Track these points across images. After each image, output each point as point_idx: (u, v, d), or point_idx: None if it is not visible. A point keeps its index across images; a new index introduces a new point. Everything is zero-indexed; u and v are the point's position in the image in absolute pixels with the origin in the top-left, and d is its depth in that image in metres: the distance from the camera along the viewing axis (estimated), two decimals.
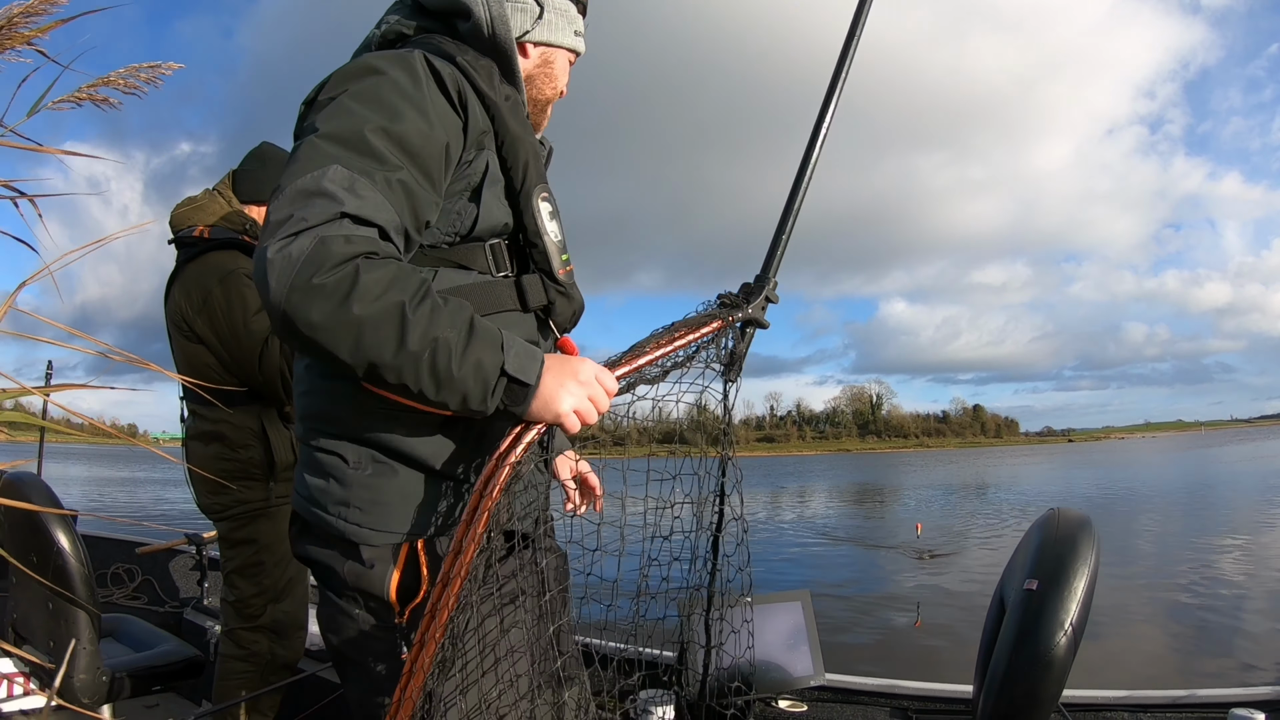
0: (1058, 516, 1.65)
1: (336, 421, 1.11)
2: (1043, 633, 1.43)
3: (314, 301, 0.89)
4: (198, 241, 2.29)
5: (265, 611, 2.28)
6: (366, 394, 1.04)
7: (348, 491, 1.10)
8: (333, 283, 0.89)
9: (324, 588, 1.17)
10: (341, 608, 1.14)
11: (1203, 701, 2.03)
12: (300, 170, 0.96)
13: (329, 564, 1.13)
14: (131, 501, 23.35)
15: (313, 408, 1.14)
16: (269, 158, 2.44)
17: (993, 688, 1.49)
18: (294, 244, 0.90)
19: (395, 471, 1.10)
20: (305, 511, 1.15)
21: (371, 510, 1.09)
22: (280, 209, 0.93)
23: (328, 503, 1.11)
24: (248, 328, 2.20)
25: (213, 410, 2.27)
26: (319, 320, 0.90)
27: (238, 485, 2.25)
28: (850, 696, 2.32)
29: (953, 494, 30.18)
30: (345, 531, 1.10)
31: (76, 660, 2.12)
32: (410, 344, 0.93)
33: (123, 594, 3.82)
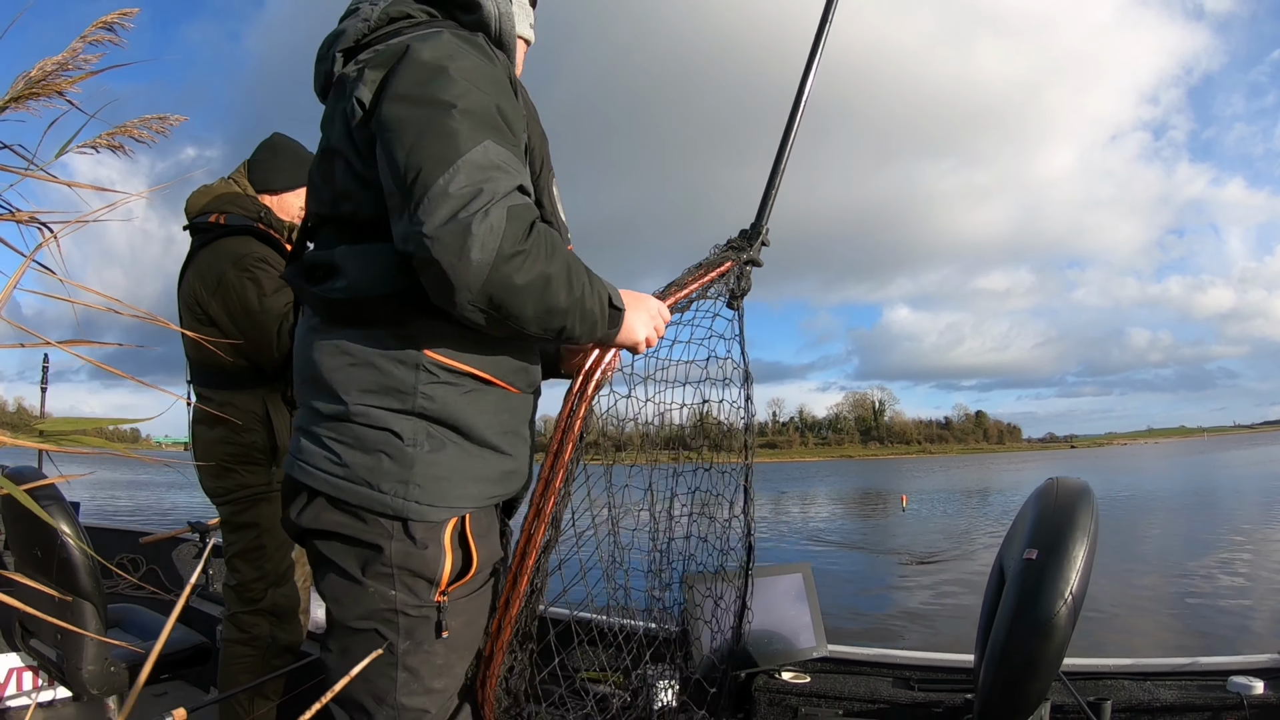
0: (1056, 486, 1.65)
1: (391, 395, 1.12)
2: (1043, 602, 1.44)
3: (521, 266, 1.03)
4: (213, 227, 2.30)
5: (266, 595, 2.29)
6: (426, 368, 1.12)
7: (408, 470, 1.11)
8: (532, 250, 1.04)
9: (346, 566, 1.14)
10: (367, 584, 1.13)
11: (1203, 669, 2.05)
12: (461, 144, 1.04)
13: (366, 539, 1.12)
14: (137, 505, 23.36)
15: (363, 382, 1.13)
16: (280, 148, 2.45)
17: (994, 657, 1.50)
18: (491, 216, 1.01)
19: (445, 445, 1.14)
20: (336, 487, 1.12)
21: (432, 487, 1.12)
22: (459, 182, 1.01)
23: (381, 480, 1.11)
24: (263, 306, 2.19)
25: (218, 393, 2.28)
26: (522, 282, 1.03)
27: (241, 469, 2.26)
28: (852, 667, 2.34)
29: (954, 498, 30.31)
30: (404, 510, 1.11)
31: (84, 652, 2.14)
32: (575, 290, 1.10)
33: (128, 584, 3.84)
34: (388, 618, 1.13)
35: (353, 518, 1.12)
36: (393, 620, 1.13)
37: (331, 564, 1.15)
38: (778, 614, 2.28)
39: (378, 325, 1.13)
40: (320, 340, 1.17)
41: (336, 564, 1.14)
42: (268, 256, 2.27)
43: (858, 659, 2.36)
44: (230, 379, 2.28)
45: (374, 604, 1.13)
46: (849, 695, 2.20)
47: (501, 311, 1.04)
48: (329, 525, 1.13)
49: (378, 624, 1.13)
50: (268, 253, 2.28)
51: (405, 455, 1.11)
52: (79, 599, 2.11)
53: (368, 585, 1.12)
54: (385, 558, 1.12)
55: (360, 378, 1.13)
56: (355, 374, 1.13)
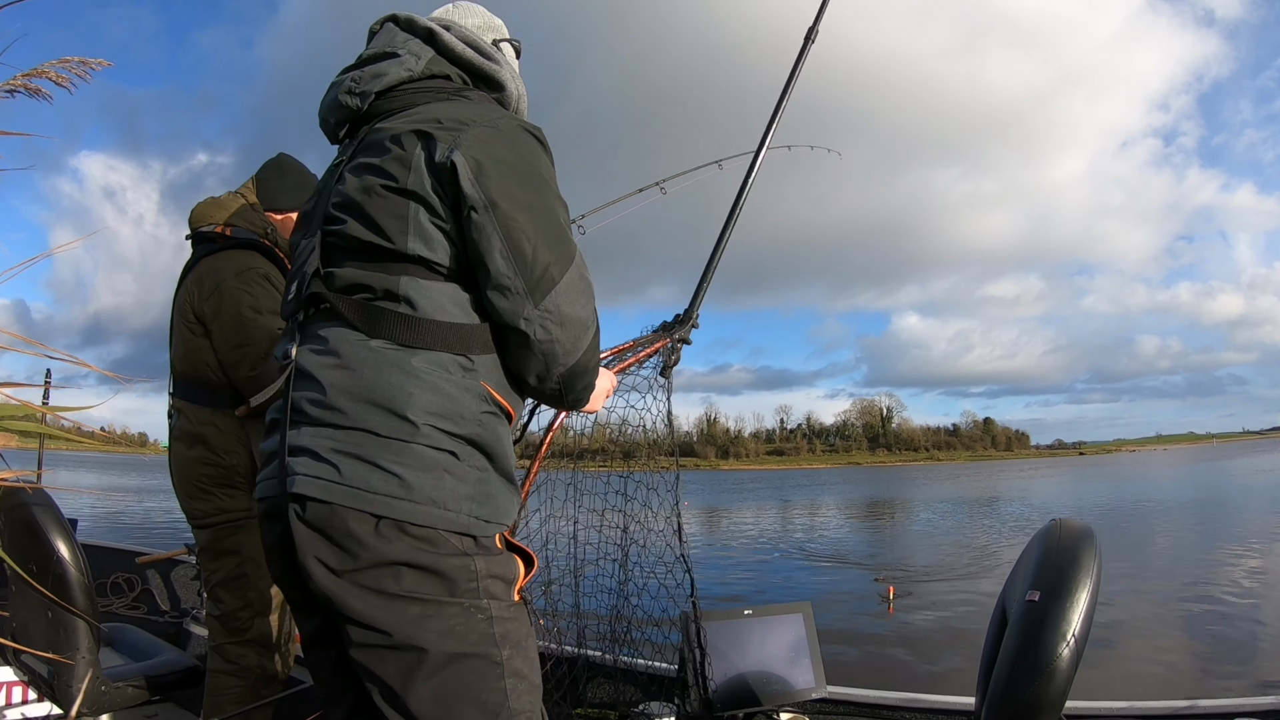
0: (1059, 527, 1.64)
1: (452, 420, 1.17)
2: (1045, 644, 1.43)
3: (592, 356, 1.30)
4: (218, 238, 2.29)
5: (253, 625, 2.23)
6: (484, 399, 1.21)
7: (469, 487, 1.17)
8: (596, 343, 1.31)
9: (429, 593, 1.11)
10: (462, 605, 1.13)
11: (1206, 712, 2.02)
12: (572, 246, 1.28)
13: (450, 563, 1.13)
14: (139, 511, 23.24)
15: (429, 404, 1.15)
16: (285, 168, 2.46)
17: (995, 699, 1.49)
18: (595, 316, 1.29)
19: (488, 469, 1.21)
20: (398, 509, 1.10)
21: (487, 503, 1.19)
22: (575, 281, 1.25)
23: (447, 499, 1.14)
24: (255, 323, 2.17)
25: (199, 410, 2.24)
26: (590, 365, 1.30)
27: (220, 492, 2.21)
28: (852, 709, 2.31)
29: (962, 509, 30.06)
30: (471, 526, 1.15)
31: (75, 670, 2.11)
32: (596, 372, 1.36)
33: (122, 603, 3.82)
34: (488, 631, 1.14)
35: (424, 543, 1.11)
36: (490, 633, 1.15)
37: (409, 599, 1.10)
38: (777, 654, 2.26)
39: (443, 351, 1.19)
40: (375, 357, 1.16)
41: (416, 597, 1.11)
42: (271, 274, 2.26)
43: (857, 700, 2.33)
44: (214, 397, 2.24)
45: (474, 620, 1.13)
46: None
47: (566, 385, 1.28)
48: (398, 557, 1.10)
49: (480, 644, 1.14)
50: (271, 270, 2.27)
51: (465, 474, 1.17)
52: (72, 616, 2.09)
53: (463, 603, 1.13)
54: (471, 573, 1.14)
55: (428, 400, 1.15)
56: (421, 396, 1.15)
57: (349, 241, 1.23)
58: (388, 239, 1.20)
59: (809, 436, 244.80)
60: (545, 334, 1.21)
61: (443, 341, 1.19)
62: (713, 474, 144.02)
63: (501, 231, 1.18)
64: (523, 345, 1.22)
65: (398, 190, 1.21)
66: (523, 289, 1.19)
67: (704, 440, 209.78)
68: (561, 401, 1.36)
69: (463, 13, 1.52)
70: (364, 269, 1.22)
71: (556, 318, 1.21)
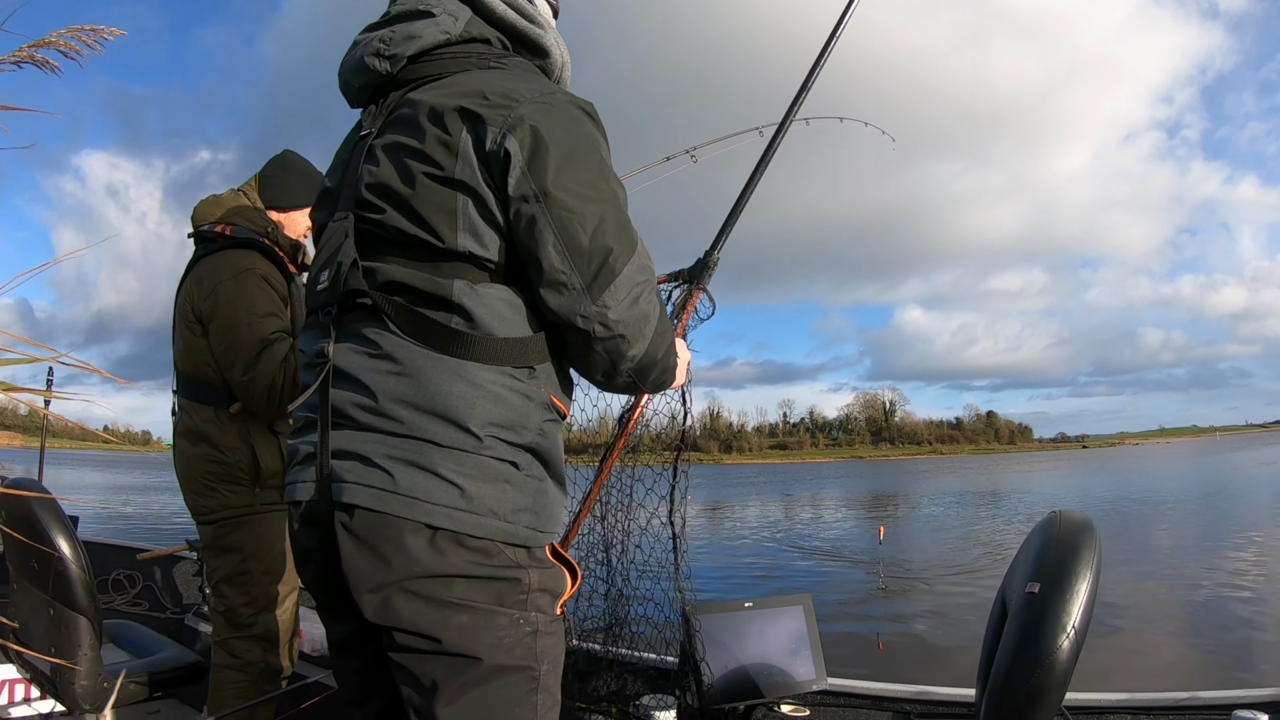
0: (1059, 519, 1.64)
1: (514, 430, 1.13)
2: (1045, 636, 1.43)
3: (662, 344, 1.23)
4: (218, 237, 2.28)
5: (256, 621, 2.24)
6: (547, 406, 1.17)
7: (529, 498, 1.13)
8: (668, 330, 1.25)
9: (480, 603, 1.08)
10: (510, 616, 1.10)
11: (1206, 703, 2.02)
12: (634, 234, 1.18)
13: (502, 574, 1.10)
14: (143, 509, 23.27)
15: (492, 414, 1.10)
16: (290, 165, 2.45)
17: (995, 691, 1.49)
18: (658, 303, 1.22)
19: (545, 477, 1.17)
20: (458, 520, 1.07)
21: (545, 513, 1.16)
22: (636, 272, 1.15)
23: (506, 510, 1.10)
24: (249, 326, 2.16)
25: (202, 409, 2.25)
26: (661, 355, 1.24)
27: (224, 488, 2.22)
28: (852, 700, 2.32)
29: (965, 501, 30.09)
30: (530, 538, 1.13)
31: (77, 666, 2.12)
32: (672, 355, 1.28)
33: (124, 600, 3.82)
34: (530, 645, 1.12)
35: (480, 554, 1.08)
36: (533, 646, 1.12)
37: (461, 608, 1.07)
38: (777, 646, 2.26)
39: (506, 363, 1.13)
40: (433, 366, 1.10)
41: (466, 606, 1.07)
42: (269, 275, 2.25)
43: (858, 692, 2.34)
44: (216, 395, 2.24)
45: (522, 632, 1.11)
46: None
47: (639, 377, 1.22)
48: (452, 569, 1.06)
49: (523, 657, 1.11)
50: (270, 270, 2.26)
51: (525, 484, 1.13)
52: (74, 613, 2.09)
53: (511, 614, 1.10)
54: (523, 585, 1.11)
55: (490, 411, 1.10)
56: (483, 405, 1.10)
57: (389, 233, 1.14)
58: (436, 236, 1.11)
59: (812, 430, 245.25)
60: (607, 331, 1.13)
61: (503, 358, 1.12)
62: (716, 468, 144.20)
63: (555, 224, 1.09)
64: (584, 344, 1.15)
65: (444, 180, 1.11)
66: (580, 285, 1.11)
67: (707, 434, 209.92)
68: (639, 390, 1.36)
69: None
70: (410, 267, 1.13)
71: (618, 313, 1.13)
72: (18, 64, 0.92)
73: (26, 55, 0.93)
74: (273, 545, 2.27)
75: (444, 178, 1.11)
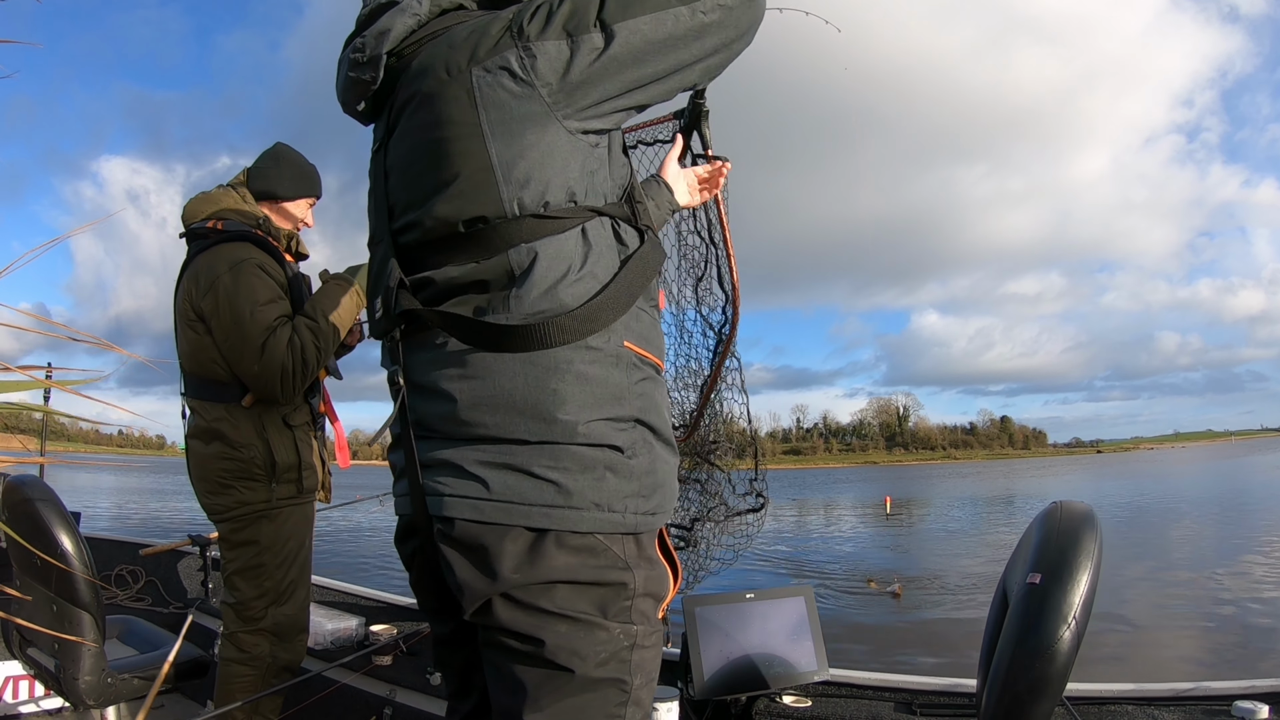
0: (1060, 510, 1.64)
1: (607, 404, 1.03)
2: (1046, 626, 1.43)
3: None
4: (210, 233, 2.28)
5: (266, 615, 2.26)
6: (633, 364, 1.05)
7: (633, 482, 1.04)
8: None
9: (581, 613, 1.02)
10: (610, 628, 1.02)
11: (1207, 694, 2.03)
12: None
13: (607, 579, 1.02)
14: (158, 511, 23.32)
15: (584, 396, 1.01)
16: (282, 157, 2.45)
17: (996, 682, 1.49)
18: None
19: (654, 449, 1.07)
20: (561, 519, 1.00)
21: (654, 495, 1.07)
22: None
23: (613, 499, 1.02)
24: (253, 315, 2.16)
25: (213, 407, 2.25)
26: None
27: (240, 485, 2.23)
28: (854, 691, 2.32)
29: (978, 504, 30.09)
30: (638, 524, 1.04)
31: (81, 662, 2.13)
32: None
33: (127, 595, 3.83)
34: (626, 658, 1.04)
35: (585, 554, 1.01)
36: (628, 659, 1.04)
37: (562, 617, 1.01)
38: (779, 637, 2.26)
39: (580, 335, 1.02)
40: (501, 361, 1.02)
41: (569, 615, 1.01)
42: (265, 264, 2.25)
43: (859, 683, 2.34)
44: (224, 392, 2.25)
45: (619, 645, 1.03)
46: (851, 719, 2.18)
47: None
48: (555, 574, 1.00)
49: (617, 669, 1.03)
50: (266, 260, 2.26)
51: (630, 468, 1.03)
52: (77, 609, 2.10)
53: (613, 627, 1.02)
54: (630, 589, 1.04)
55: (574, 393, 1.01)
56: (568, 389, 1.01)
57: (429, 234, 1.07)
58: (480, 208, 1.02)
59: (825, 436, 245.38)
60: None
61: (574, 330, 1.01)
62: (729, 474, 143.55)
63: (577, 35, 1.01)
64: None
65: (468, 131, 1.03)
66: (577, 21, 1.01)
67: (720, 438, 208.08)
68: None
69: None
70: (459, 264, 1.06)
71: None
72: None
73: None
74: (287, 540, 2.28)
75: (467, 127, 1.03)
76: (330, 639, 2.86)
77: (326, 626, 2.88)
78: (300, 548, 2.32)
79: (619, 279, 1.05)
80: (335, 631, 2.88)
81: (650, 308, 1.13)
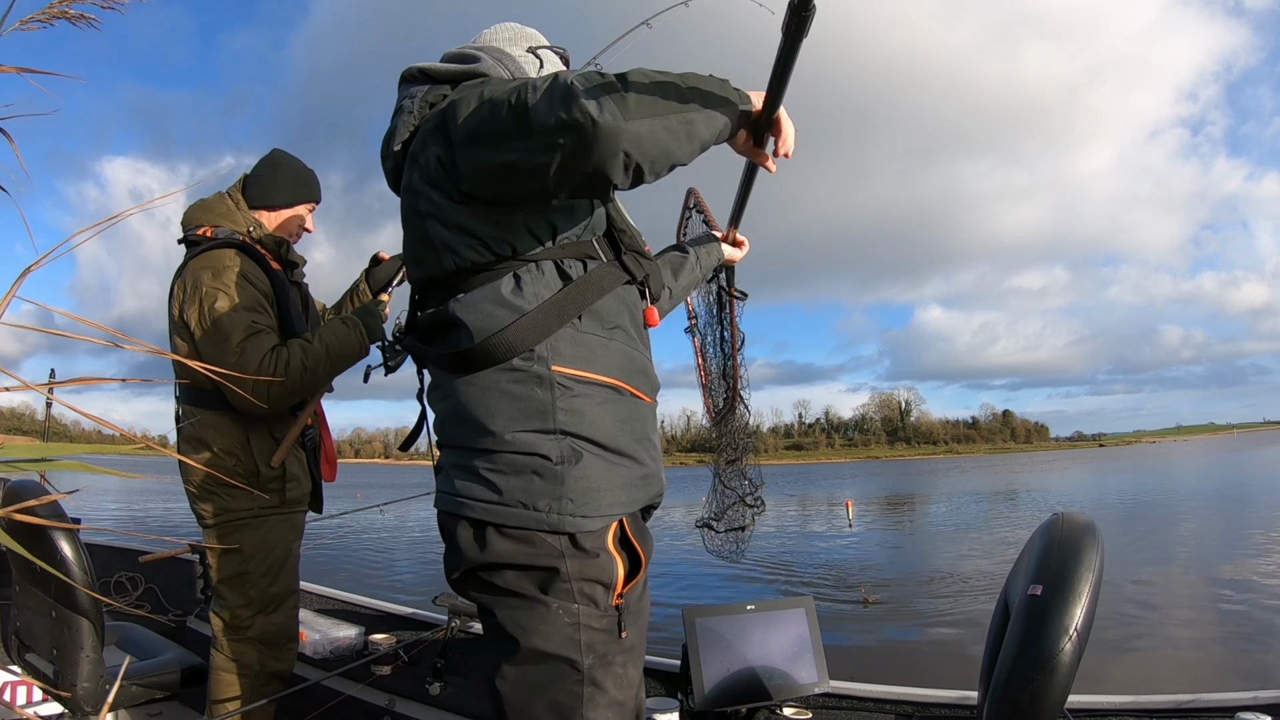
0: (1061, 521, 1.64)
1: (533, 418, 1.22)
2: (1047, 638, 1.42)
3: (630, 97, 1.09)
4: (201, 240, 2.29)
5: (254, 624, 2.25)
6: (559, 384, 1.22)
7: (559, 486, 1.20)
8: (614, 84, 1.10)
9: (526, 591, 1.20)
10: (551, 605, 1.19)
11: (1209, 706, 2.01)
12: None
13: (542, 563, 1.19)
14: (166, 513, 23.26)
15: (505, 411, 1.23)
16: (279, 164, 2.46)
17: (997, 694, 1.49)
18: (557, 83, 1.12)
19: (588, 458, 1.23)
20: (492, 513, 1.21)
21: (584, 499, 1.21)
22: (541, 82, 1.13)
23: (536, 500, 1.20)
24: (232, 319, 2.15)
25: (203, 413, 2.25)
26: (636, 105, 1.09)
27: (223, 492, 2.22)
28: (854, 703, 2.31)
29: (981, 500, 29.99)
30: (561, 524, 1.19)
31: (80, 669, 2.12)
32: (688, 106, 1.16)
33: (126, 602, 3.83)
34: (571, 636, 1.19)
35: (521, 544, 1.19)
36: (575, 638, 1.19)
37: (509, 593, 1.21)
38: (779, 648, 2.26)
39: (506, 358, 1.24)
40: (457, 383, 1.27)
41: (515, 592, 1.21)
42: (249, 272, 2.24)
43: (860, 695, 2.33)
44: (213, 399, 2.24)
45: (560, 622, 1.19)
46: None
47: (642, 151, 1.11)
48: (498, 557, 1.20)
49: (563, 646, 1.19)
50: (251, 268, 2.25)
51: (555, 473, 1.20)
52: (76, 615, 2.10)
53: (551, 603, 1.19)
54: (564, 575, 1.19)
55: (502, 408, 1.23)
56: (496, 405, 1.23)
57: (419, 285, 1.40)
58: (427, 267, 1.32)
59: (827, 431, 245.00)
60: (568, 132, 1.12)
61: (500, 354, 1.23)
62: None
63: (468, 128, 1.21)
64: (568, 153, 1.13)
65: (415, 217, 1.32)
66: (510, 128, 1.17)
67: None
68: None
69: (495, 30, 1.56)
70: (427, 308, 1.37)
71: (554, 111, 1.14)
72: (50, 20, 0.85)
73: (58, 11, 0.84)
74: (272, 548, 2.27)
75: (416, 215, 1.32)
76: (329, 648, 2.85)
77: (326, 636, 2.87)
78: (287, 556, 2.31)
79: (536, 310, 1.24)
80: (334, 641, 2.87)
81: (603, 331, 1.29)
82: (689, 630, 2.17)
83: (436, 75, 1.40)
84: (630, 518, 1.28)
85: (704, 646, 2.16)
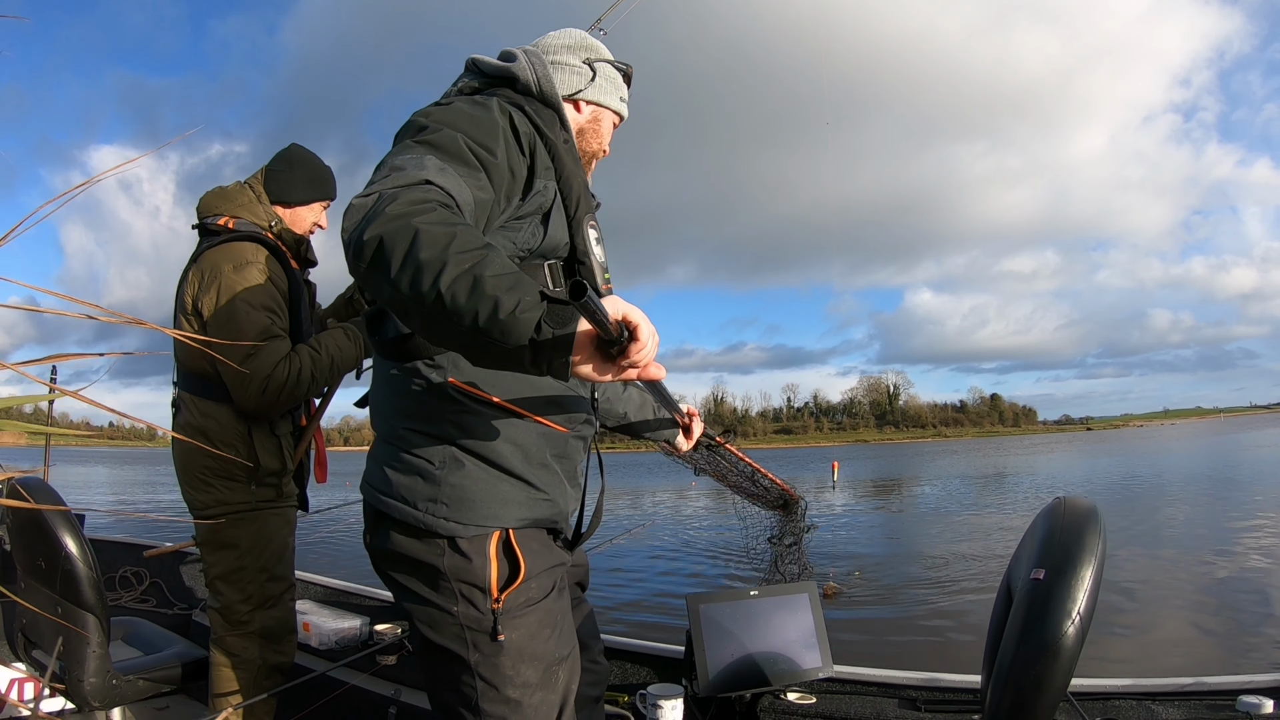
0: (1064, 505, 1.64)
1: (424, 421, 1.27)
2: (1050, 622, 1.43)
3: (384, 222, 0.95)
4: (221, 230, 2.28)
5: (253, 618, 2.24)
6: (452, 396, 1.25)
7: (436, 489, 1.24)
8: (402, 209, 0.96)
9: (416, 587, 1.27)
10: (436, 602, 1.25)
11: (1211, 689, 2.02)
12: (395, 154, 1.13)
13: (426, 560, 1.24)
14: (155, 503, 23.28)
15: (404, 409, 1.29)
16: (296, 160, 2.43)
17: (1001, 678, 1.49)
18: (368, 196, 1.02)
19: (470, 469, 1.25)
20: (386, 505, 1.27)
21: (459, 506, 1.24)
22: (369, 182, 1.08)
23: (417, 499, 1.25)
24: (249, 317, 2.14)
25: (201, 403, 2.23)
26: (382, 231, 0.94)
27: (219, 484, 2.21)
28: (859, 688, 2.32)
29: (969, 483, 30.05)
30: (434, 526, 1.23)
31: (86, 663, 2.13)
32: (454, 251, 0.92)
33: (131, 597, 3.83)
34: (457, 633, 1.24)
35: (413, 539, 1.25)
36: (461, 635, 1.24)
37: (405, 588, 1.28)
38: (783, 633, 2.26)
39: (416, 358, 1.27)
40: (377, 375, 1.36)
41: (409, 588, 1.27)
42: (270, 269, 2.24)
43: (864, 679, 2.34)
44: (215, 389, 2.22)
45: (444, 620, 1.24)
46: (855, 716, 2.18)
47: (376, 265, 0.95)
48: (396, 547, 1.26)
49: (451, 641, 1.24)
50: (272, 265, 2.25)
51: (434, 476, 1.24)
52: (82, 611, 2.10)
53: (436, 602, 1.25)
54: (444, 574, 1.24)
55: (402, 406, 1.28)
56: (398, 403, 1.29)
57: None
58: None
59: (816, 415, 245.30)
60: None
61: (413, 349, 1.27)
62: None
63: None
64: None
65: None
66: None
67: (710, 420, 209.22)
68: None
69: (556, 35, 1.56)
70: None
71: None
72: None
73: None
74: (269, 542, 2.26)
75: None
76: (334, 639, 2.86)
77: (330, 626, 2.88)
78: (283, 550, 2.30)
79: None
80: (339, 631, 2.87)
81: None
82: (692, 617, 2.18)
83: (480, 68, 1.44)
84: (525, 533, 1.29)
85: (708, 633, 2.17)
